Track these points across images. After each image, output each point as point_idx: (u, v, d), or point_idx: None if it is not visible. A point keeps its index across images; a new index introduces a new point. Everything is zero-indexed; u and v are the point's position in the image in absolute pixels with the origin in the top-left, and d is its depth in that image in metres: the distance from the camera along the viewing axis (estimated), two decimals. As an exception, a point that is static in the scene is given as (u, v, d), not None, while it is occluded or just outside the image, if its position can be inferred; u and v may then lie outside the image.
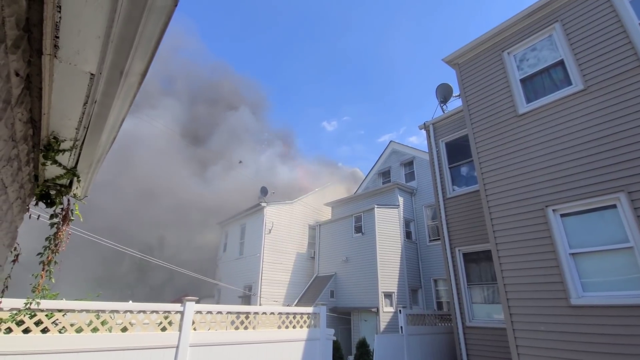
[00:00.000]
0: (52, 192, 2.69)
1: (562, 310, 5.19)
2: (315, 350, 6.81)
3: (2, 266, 2.27)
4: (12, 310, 3.74)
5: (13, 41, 1.18)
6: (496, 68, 7.32)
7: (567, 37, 6.27)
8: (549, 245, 5.56)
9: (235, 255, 19.58)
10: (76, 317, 4.26)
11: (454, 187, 9.36)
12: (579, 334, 4.96)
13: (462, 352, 7.80)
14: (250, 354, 5.79)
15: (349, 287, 15.46)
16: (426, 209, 16.62)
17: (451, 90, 11.38)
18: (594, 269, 5.19)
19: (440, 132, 10.09)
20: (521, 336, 5.54)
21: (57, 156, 2.07)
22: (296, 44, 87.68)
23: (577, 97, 5.88)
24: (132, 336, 4.59)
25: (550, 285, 5.41)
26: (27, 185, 2.31)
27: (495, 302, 7.70)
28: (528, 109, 6.50)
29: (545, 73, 6.56)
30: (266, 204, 18.12)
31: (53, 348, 3.93)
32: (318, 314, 7.22)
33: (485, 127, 7.13)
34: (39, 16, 1.20)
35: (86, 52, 1.33)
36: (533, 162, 6.14)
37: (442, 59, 8.37)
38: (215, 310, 5.72)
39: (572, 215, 5.55)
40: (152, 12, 1.16)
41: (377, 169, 21.09)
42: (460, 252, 8.58)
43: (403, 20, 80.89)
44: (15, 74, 1.31)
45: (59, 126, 1.86)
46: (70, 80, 1.48)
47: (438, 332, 9.87)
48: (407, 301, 14.38)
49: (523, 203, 6.07)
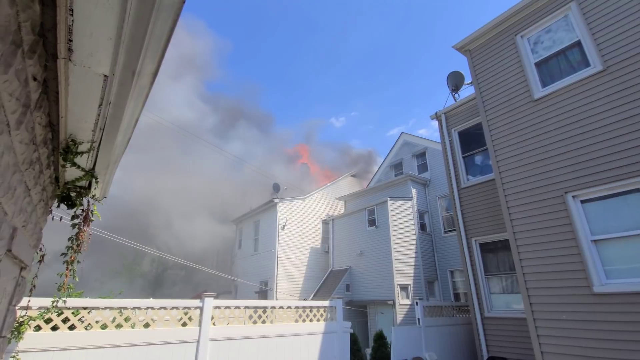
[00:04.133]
0: (73, 194, 2.77)
1: (585, 299, 5.06)
2: (333, 343, 6.87)
3: (29, 266, 2.36)
4: (40, 308, 3.90)
5: (29, 46, 1.21)
6: (509, 52, 7.11)
7: (584, 16, 6.02)
8: (569, 233, 5.42)
9: (250, 251, 19.82)
10: (100, 314, 4.41)
11: (469, 176, 9.20)
12: (603, 322, 4.83)
13: (482, 343, 7.72)
14: (268, 348, 5.88)
15: (364, 280, 15.46)
16: (440, 200, 16.41)
17: (463, 78, 11.13)
18: (617, 256, 5.03)
19: (452, 122, 9.90)
20: (542, 325, 5.43)
21: (75, 158, 2.13)
22: (299, 37, 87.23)
23: (595, 78, 5.67)
24: (154, 332, 4.72)
25: (571, 274, 5.28)
26: (49, 187, 2.38)
27: (514, 292, 7.57)
28: (544, 94, 6.30)
29: (562, 55, 6.33)
30: (279, 200, 18.24)
31: (80, 344, 4.08)
32: (334, 307, 7.26)
33: (499, 114, 6.96)
34: (52, 20, 1.23)
35: (99, 54, 1.36)
36: (550, 147, 5.96)
37: (453, 45, 8.18)
38: (233, 306, 5.82)
39: (593, 201, 5.38)
40: (160, 10, 1.17)
41: (388, 161, 20.89)
42: (476, 243, 8.45)
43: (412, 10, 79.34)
44: (33, 78, 1.34)
45: (76, 129, 1.90)
46: (85, 82, 1.51)
47: (456, 324, 9.79)
48: (424, 293, 14.29)
49: (541, 190, 5.92)
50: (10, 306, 2.11)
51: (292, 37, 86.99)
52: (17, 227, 1.66)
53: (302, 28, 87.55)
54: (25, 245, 1.97)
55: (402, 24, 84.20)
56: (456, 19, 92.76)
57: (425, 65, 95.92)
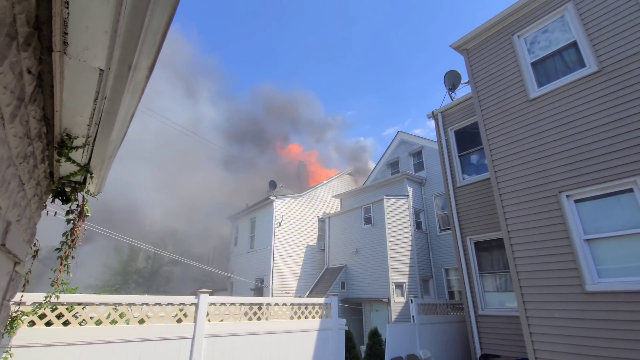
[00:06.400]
0: (67, 189, 2.76)
1: (577, 297, 5.12)
2: (328, 340, 6.90)
3: (23, 261, 2.35)
4: (34, 304, 3.88)
5: (24, 38, 1.20)
6: (506, 52, 7.14)
7: (580, 17, 6.06)
8: (562, 232, 5.48)
9: (246, 248, 19.81)
10: (95, 310, 4.39)
11: (464, 175, 9.25)
12: (595, 320, 4.90)
13: (475, 341, 7.80)
14: (263, 344, 5.90)
15: (359, 278, 15.52)
16: (436, 199, 16.49)
17: (460, 77, 11.16)
18: (609, 255, 5.09)
19: (449, 120, 9.94)
20: (535, 323, 5.50)
21: (70, 153, 2.12)
22: (294, 35, 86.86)
23: (591, 79, 5.71)
24: (149, 328, 4.72)
25: (564, 272, 5.34)
26: (43, 182, 2.36)
27: (508, 291, 7.65)
28: (540, 93, 6.34)
29: (558, 55, 6.37)
30: (275, 197, 18.22)
31: (74, 340, 4.07)
32: (330, 304, 7.29)
33: (495, 113, 7.00)
34: (47, 13, 1.22)
35: (95, 47, 1.35)
36: (545, 147, 6.01)
37: (450, 45, 8.20)
38: (228, 302, 5.82)
39: (586, 200, 5.43)
40: (157, 4, 1.16)
41: (385, 159, 20.93)
42: (471, 241, 8.52)
43: (407, 9, 79.27)
44: (28, 71, 1.33)
45: (71, 123, 1.89)
46: (81, 76, 1.50)
47: (450, 321, 9.87)
48: (419, 291, 14.38)
49: (535, 190, 5.97)
50: (4, 301, 2.10)
51: (290, 39, 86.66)
52: (11, 221, 1.65)
53: (300, 30, 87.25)
54: (19, 240, 1.96)
55: (399, 22, 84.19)
56: (452, 17, 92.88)
57: (422, 64, 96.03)
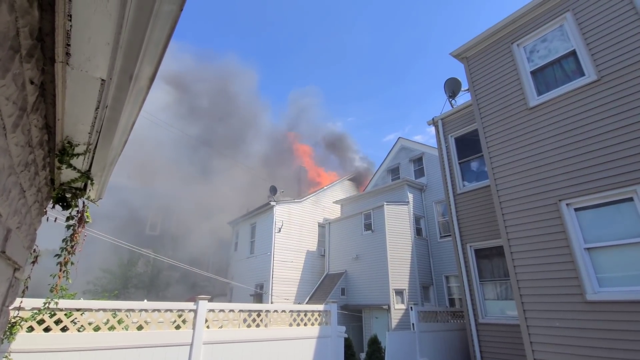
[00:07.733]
0: (68, 195, 2.77)
1: (578, 306, 5.09)
2: (327, 348, 6.85)
3: (22, 267, 2.36)
4: (33, 309, 3.87)
5: (27, 50, 1.22)
6: (506, 60, 7.19)
7: (579, 26, 6.11)
8: (562, 240, 5.46)
9: (246, 254, 19.75)
10: (93, 315, 4.38)
11: (464, 182, 9.25)
12: (596, 329, 4.86)
13: (476, 349, 7.73)
14: (262, 351, 5.86)
15: (359, 284, 15.44)
16: (436, 205, 16.46)
17: (460, 84, 11.23)
18: (610, 264, 5.07)
19: (449, 127, 9.97)
20: (535, 332, 5.46)
21: (71, 160, 2.14)
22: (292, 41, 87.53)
23: (590, 87, 5.74)
24: (147, 334, 4.70)
25: (564, 281, 5.31)
26: (44, 189, 2.38)
27: (509, 299, 7.60)
28: (539, 102, 6.37)
29: (557, 64, 6.41)
30: (275, 203, 18.22)
31: (72, 346, 4.05)
32: (329, 311, 7.25)
33: (495, 121, 7.02)
34: (50, 25, 1.24)
35: (97, 58, 1.37)
36: (545, 155, 6.02)
37: (450, 53, 8.26)
38: (227, 309, 5.80)
39: (586, 209, 5.43)
40: (158, 17, 1.19)
41: (385, 165, 20.95)
42: (471, 248, 8.49)
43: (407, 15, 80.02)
44: (30, 82, 1.36)
45: (73, 131, 1.91)
46: (82, 86, 1.53)
47: (450, 329, 9.80)
48: (419, 298, 14.29)
49: (535, 197, 5.97)
50: (4, 307, 2.10)
51: (288, 43, 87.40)
52: (11, 228, 1.66)
53: (298, 33, 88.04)
54: (19, 247, 1.97)
55: (398, 29, 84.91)
56: (452, 24, 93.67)
57: (421, 70, 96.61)
